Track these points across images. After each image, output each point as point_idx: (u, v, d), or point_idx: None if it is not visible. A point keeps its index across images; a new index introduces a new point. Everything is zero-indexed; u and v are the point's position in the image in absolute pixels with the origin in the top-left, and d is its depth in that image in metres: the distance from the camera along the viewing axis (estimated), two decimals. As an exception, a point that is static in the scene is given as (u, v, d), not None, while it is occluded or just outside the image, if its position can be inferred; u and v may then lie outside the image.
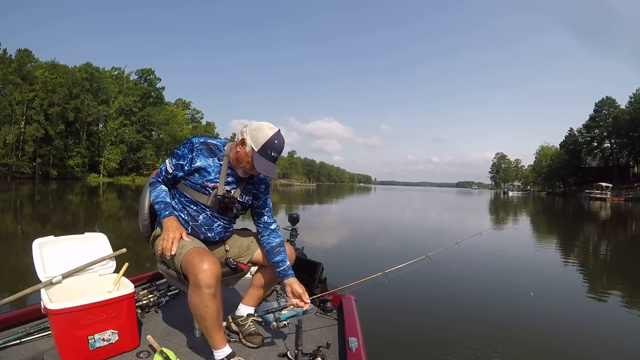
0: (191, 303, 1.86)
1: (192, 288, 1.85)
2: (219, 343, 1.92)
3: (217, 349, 1.92)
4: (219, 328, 1.92)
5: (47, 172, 56.73)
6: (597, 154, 79.57)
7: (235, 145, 2.11)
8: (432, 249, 3.17)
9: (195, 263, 1.84)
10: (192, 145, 2.12)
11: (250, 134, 2.03)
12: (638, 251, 11.72)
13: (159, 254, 2.04)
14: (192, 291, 1.85)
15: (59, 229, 10.70)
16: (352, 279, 2.60)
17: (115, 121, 66.92)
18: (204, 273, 1.81)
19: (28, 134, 53.36)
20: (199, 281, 1.80)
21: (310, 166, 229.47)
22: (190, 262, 1.87)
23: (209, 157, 2.13)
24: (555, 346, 4.00)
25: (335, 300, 2.83)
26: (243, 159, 2.06)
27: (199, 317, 1.88)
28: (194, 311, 1.87)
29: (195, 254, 1.90)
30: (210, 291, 1.82)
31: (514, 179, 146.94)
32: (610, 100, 73.43)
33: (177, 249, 1.97)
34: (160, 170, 2.20)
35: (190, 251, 1.93)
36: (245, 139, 2.04)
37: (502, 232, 15.16)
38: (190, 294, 1.86)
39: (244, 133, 2.06)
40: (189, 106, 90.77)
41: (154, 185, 2.19)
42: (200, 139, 2.15)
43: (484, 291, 6.02)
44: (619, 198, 52.97)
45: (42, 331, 2.14)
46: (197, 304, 1.83)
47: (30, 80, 54.48)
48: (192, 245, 1.99)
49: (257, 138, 2.02)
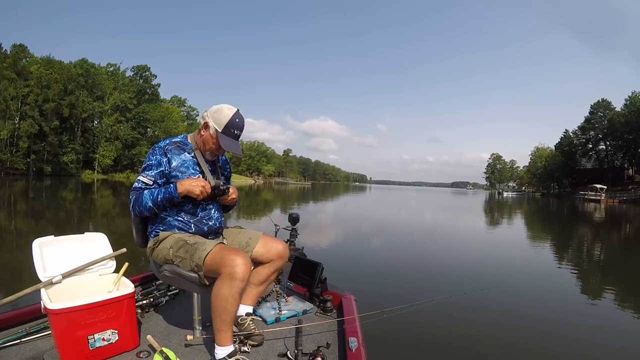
0: (219, 296, 1.89)
1: (226, 281, 1.88)
2: (227, 340, 1.94)
3: (222, 346, 1.93)
4: (232, 326, 1.97)
5: (41, 168, 56.44)
6: (592, 155, 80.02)
7: (198, 131, 2.25)
8: (432, 248, 3.15)
9: (230, 257, 1.89)
10: (161, 150, 2.19)
11: (212, 117, 2.18)
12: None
13: (170, 252, 2.10)
14: (223, 284, 1.88)
15: (53, 227, 10.67)
16: (352, 278, 2.61)
17: (110, 118, 66.54)
18: (240, 267, 1.86)
19: (22, 130, 53.08)
20: (235, 274, 1.85)
21: (306, 165, 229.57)
22: (222, 257, 1.92)
23: (181, 153, 2.22)
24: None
25: (335, 300, 2.83)
26: (209, 141, 2.21)
27: (222, 311, 1.89)
28: (220, 304, 1.89)
29: (223, 249, 1.97)
30: (242, 285, 1.90)
31: (509, 180, 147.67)
32: (605, 102, 73.87)
33: (199, 247, 2.00)
34: (137, 185, 2.15)
35: (216, 248, 1.98)
36: (208, 122, 2.19)
37: (499, 232, 15.22)
38: (220, 287, 1.89)
39: (205, 117, 2.21)
40: (184, 103, 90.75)
41: (137, 198, 2.13)
42: (165, 142, 2.25)
43: (484, 291, 6.05)
44: (613, 200, 53.33)
45: (42, 331, 2.13)
46: (226, 296, 1.87)
47: (25, 76, 54.11)
48: (213, 243, 2.04)
49: (219, 120, 2.17)
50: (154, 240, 2.22)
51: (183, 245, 2.07)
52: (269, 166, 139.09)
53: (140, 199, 2.11)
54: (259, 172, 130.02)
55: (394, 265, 7.67)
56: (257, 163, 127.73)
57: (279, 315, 2.63)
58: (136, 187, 2.14)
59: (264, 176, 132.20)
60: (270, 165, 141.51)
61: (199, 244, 2.02)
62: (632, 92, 66.19)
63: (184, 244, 2.07)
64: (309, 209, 23.01)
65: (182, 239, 2.11)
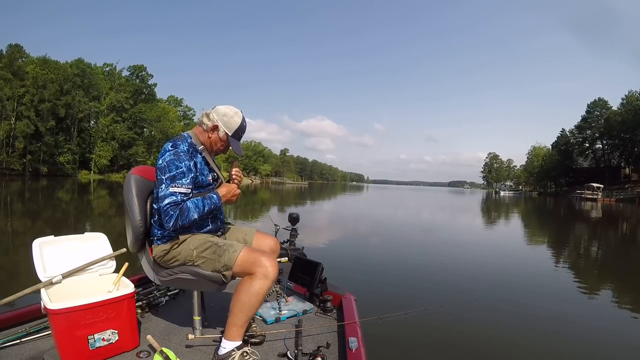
0: (251, 292, 1.97)
1: (260, 279, 1.97)
2: (240, 337, 2.00)
3: (233, 341, 1.98)
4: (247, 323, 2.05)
5: (37, 168, 56.13)
6: (588, 154, 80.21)
7: (203, 131, 2.25)
8: (429, 247, 3.16)
9: (263, 258, 2.01)
10: (186, 154, 2.09)
11: (221, 120, 2.22)
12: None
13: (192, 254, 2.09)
14: (257, 281, 1.97)
15: (49, 228, 10.63)
16: (352, 278, 2.61)
17: (106, 118, 66.34)
18: (273, 268, 1.99)
19: (18, 130, 52.86)
20: (269, 274, 1.98)
21: (303, 164, 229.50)
22: (255, 257, 2.02)
23: (196, 155, 2.20)
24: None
25: (335, 300, 2.83)
26: (217, 142, 2.25)
27: (248, 306, 1.97)
28: (249, 299, 1.96)
29: (251, 251, 2.07)
30: (272, 285, 2.04)
31: (506, 179, 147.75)
32: (602, 101, 74.02)
33: (229, 248, 2.05)
34: (177, 199, 1.98)
35: (245, 249, 2.06)
36: (217, 126, 2.21)
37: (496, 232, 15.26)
38: (252, 284, 1.97)
39: (213, 119, 2.21)
40: (180, 103, 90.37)
41: (182, 211, 2.00)
42: (184, 143, 2.14)
43: (485, 289, 6.08)
44: (609, 199, 53.48)
45: (42, 331, 2.13)
46: (257, 293, 1.97)
47: (21, 76, 53.87)
48: (240, 245, 2.09)
49: (229, 124, 2.23)
50: (170, 244, 2.11)
51: (211, 247, 2.07)
52: (266, 166, 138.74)
53: (186, 213, 2.00)
54: (256, 171, 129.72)
55: (393, 265, 7.70)
56: (253, 163, 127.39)
57: (279, 315, 2.63)
58: (176, 201, 1.98)
59: (260, 176, 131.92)
60: (267, 165, 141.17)
61: (227, 246, 2.06)
62: (629, 91, 66.55)
63: (212, 245, 2.08)
64: (306, 209, 22.99)
65: (210, 241, 2.10)
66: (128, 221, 2.19)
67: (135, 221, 2.16)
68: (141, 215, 2.17)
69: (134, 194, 2.19)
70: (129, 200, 2.18)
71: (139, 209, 2.18)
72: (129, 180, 2.22)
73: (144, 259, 2.30)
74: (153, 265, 2.22)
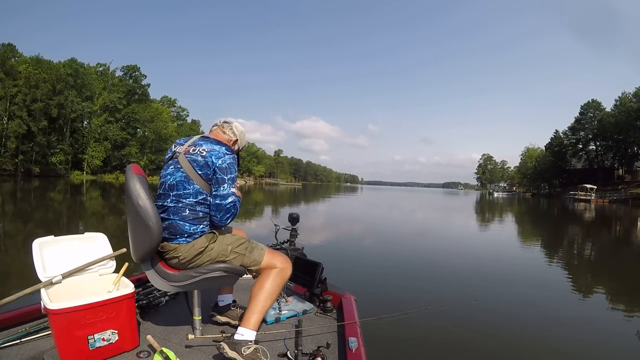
0: (275, 281, 2.17)
1: (281, 273, 2.20)
2: (257, 327, 2.10)
3: (252, 331, 2.05)
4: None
5: (30, 169, 55.79)
6: (582, 156, 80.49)
7: (227, 141, 2.37)
8: (427, 247, 3.17)
9: (282, 258, 2.27)
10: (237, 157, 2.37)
11: (240, 137, 2.44)
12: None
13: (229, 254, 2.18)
14: (281, 273, 2.20)
15: (41, 229, 10.55)
16: (352, 278, 2.61)
17: (99, 118, 66.08)
18: (290, 265, 2.27)
19: (10, 130, 52.42)
20: (288, 270, 2.23)
21: (297, 165, 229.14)
22: (276, 256, 2.25)
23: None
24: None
25: (335, 300, 2.84)
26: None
27: (271, 294, 2.14)
28: (273, 287, 2.15)
29: (272, 250, 2.30)
30: (286, 281, 2.28)
31: (500, 180, 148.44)
32: (595, 102, 74.37)
33: (257, 245, 2.26)
34: (237, 199, 2.20)
35: (266, 248, 2.27)
36: (237, 141, 2.43)
37: (490, 233, 15.33)
38: (276, 278, 2.18)
39: (234, 134, 2.41)
40: (174, 104, 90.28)
41: (238, 207, 2.25)
42: (230, 149, 2.26)
43: (483, 290, 6.11)
44: (603, 200, 53.74)
45: (42, 331, 2.12)
46: (280, 283, 2.19)
47: (14, 75, 53.46)
48: (262, 244, 2.32)
49: (242, 141, 2.48)
50: (207, 240, 2.12)
51: (243, 243, 2.22)
52: (260, 167, 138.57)
53: (238, 208, 2.25)
54: (250, 172, 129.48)
55: (392, 265, 7.74)
56: (247, 164, 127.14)
57: (279, 315, 2.63)
58: (238, 200, 2.22)
59: (254, 177, 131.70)
60: (261, 165, 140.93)
61: (255, 243, 2.28)
62: (622, 92, 66.76)
63: (245, 242, 2.23)
64: (301, 210, 22.98)
65: (241, 237, 2.27)
66: (140, 227, 2.00)
67: (152, 224, 1.96)
68: (156, 218, 1.99)
69: (145, 196, 1.99)
70: (141, 202, 1.97)
71: (152, 211, 1.98)
72: (133, 181, 2.02)
73: (155, 268, 2.15)
74: (171, 271, 2.12)
